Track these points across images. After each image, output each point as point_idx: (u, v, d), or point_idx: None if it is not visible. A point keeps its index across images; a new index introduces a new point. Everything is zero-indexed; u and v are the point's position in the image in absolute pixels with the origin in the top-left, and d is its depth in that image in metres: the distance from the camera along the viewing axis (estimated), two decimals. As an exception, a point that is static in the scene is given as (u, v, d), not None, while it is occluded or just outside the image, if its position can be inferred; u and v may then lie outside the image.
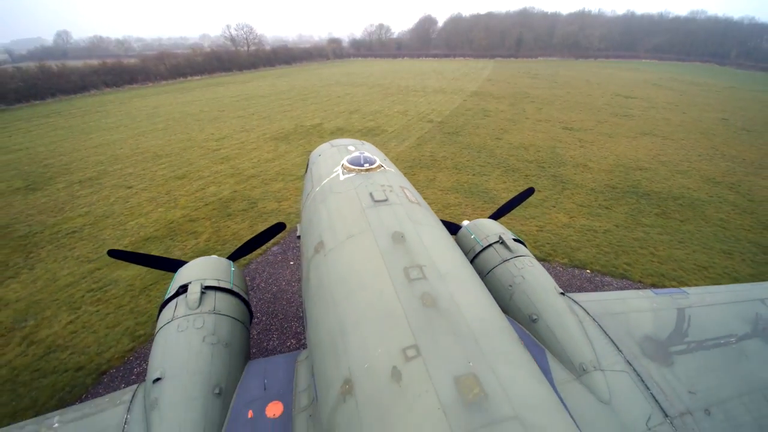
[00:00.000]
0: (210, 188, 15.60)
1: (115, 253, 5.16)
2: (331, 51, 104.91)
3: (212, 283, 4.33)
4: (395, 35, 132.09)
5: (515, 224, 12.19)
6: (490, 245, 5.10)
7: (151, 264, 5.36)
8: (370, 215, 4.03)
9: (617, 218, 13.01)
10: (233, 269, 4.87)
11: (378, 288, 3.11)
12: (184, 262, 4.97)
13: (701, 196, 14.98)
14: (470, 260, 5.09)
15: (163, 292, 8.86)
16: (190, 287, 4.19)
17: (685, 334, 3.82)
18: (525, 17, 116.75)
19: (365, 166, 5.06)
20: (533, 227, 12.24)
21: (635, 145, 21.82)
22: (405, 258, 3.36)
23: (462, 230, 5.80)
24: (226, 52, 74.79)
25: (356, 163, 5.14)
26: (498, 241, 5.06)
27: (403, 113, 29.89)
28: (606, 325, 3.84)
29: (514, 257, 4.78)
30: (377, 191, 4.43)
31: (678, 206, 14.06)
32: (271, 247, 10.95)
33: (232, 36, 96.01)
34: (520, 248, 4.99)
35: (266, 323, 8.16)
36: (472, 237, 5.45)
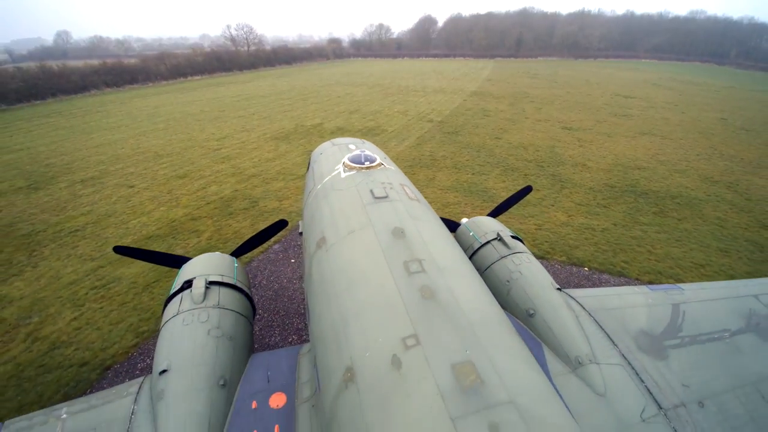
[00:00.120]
0: (211, 187, 15.68)
1: (121, 250, 5.26)
2: (331, 51, 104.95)
3: (216, 279, 4.41)
4: (395, 35, 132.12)
5: (514, 223, 12.27)
6: (489, 242, 5.18)
7: (156, 260, 5.45)
8: (371, 211, 4.11)
9: (615, 217, 13.09)
10: (236, 265, 4.96)
11: (379, 281, 3.19)
12: (189, 259, 5.07)
13: (699, 195, 15.05)
14: (469, 257, 5.17)
15: (166, 290, 9.02)
16: (195, 282, 4.27)
17: (680, 329, 3.84)
18: (525, 17, 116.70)
19: (366, 164, 5.15)
20: (532, 226, 12.33)
21: (634, 145, 21.88)
22: (405, 252, 3.43)
23: (461, 227, 5.89)
24: (227, 52, 74.81)
25: (357, 161, 5.22)
26: (496, 238, 5.14)
27: (403, 113, 29.94)
28: (602, 320, 3.87)
29: (512, 254, 4.85)
30: (378, 188, 4.52)
31: (676, 205, 14.14)
32: (273, 245, 11.04)
33: (232, 36, 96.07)
34: (518, 245, 5.07)
35: (268, 320, 8.25)
36: (471, 234, 5.54)
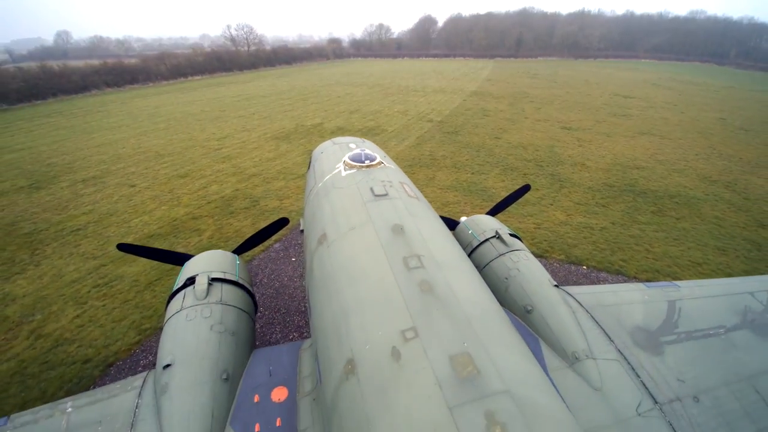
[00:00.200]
0: (212, 187, 15.76)
1: (124, 247, 5.33)
2: (331, 51, 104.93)
3: (218, 276, 4.49)
4: (395, 35, 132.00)
5: (513, 221, 12.34)
6: (487, 240, 5.26)
7: (159, 257, 5.52)
8: (371, 209, 4.19)
9: (614, 216, 13.16)
10: (238, 263, 5.03)
11: (378, 276, 3.27)
12: (191, 256, 5.14)
13: (697, 195, 15.12)
14: (468, 254, 5.24)
15: (167, 288, 9.10)
16: (198, 279, 4.34)
17: (675, 325, 3.89)
18: (525, 17, 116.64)
19: (366, 163, 5.23)
20: (531, 225, 12.41)
21: (633, 145, 21.94)
22: (404, 248, 3.51)
23: (460, 226, 5.97)
24: (227, 52, 74.82)
25: (357, 160, 5.30)
26: (494, 236, 5.22)
27: (403, 113, 30.01)
28: (598, 316, 3.92)
29: (510, 251, 4.93)
30: (377, 186, 4.59)
31: (674, 204, 14.21)
32: (274, 244, 11.12)
33: (233, 36, 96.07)
34: (516, 243, 5.15)
35: (269, 317, 8.33)
36: (470, 232, 5.61)
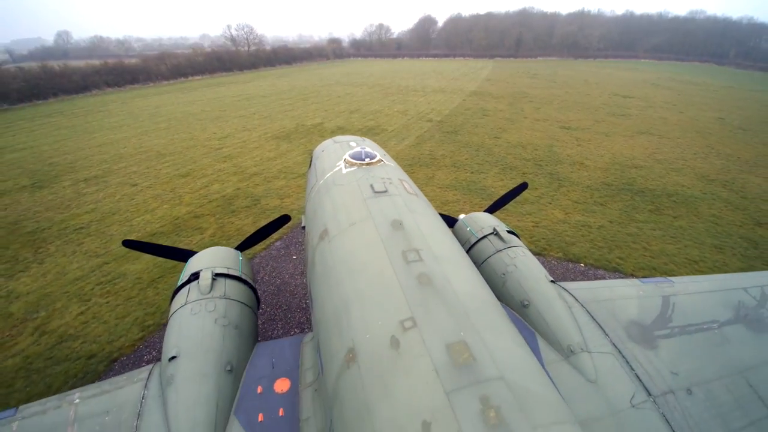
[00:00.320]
0: (213, 186, 15.87)
1: (130, 243, 5.44)
2: (331, 51, 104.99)
3: (222, 271, 4.58)
4: (395, 35, 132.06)
5: (512, 220, 12.45)
6: (485, 236, 5.35)
7: (164, 254, 5.62)
8: (371, 205, 4.28)
9: (611, 214, 13.27)
10: (241, 259, 5.13)
11: (378, 269, 3.37)
12: (195, 252, 5.25)
13: (695, 193, 15.23)
14: (467, 251, 5.34)
15: (170, 285, 9.22)
16: (202, 274, 4.44)
17: (670, 320, 3.95)
18: (524, 17, 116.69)
19: (366, 161, 5.32)
20: (529, 223, 12.52)
21: (631, 144, 22.05)
22: (403, 243, 3.61)
23: (458, 223, 6.07)
24: (227, 52, 74.89)
25: (358, 158, 5.40)
26: (492, 233, 5.31)
27: (403, 113, 30.11)
28: (594, 311, 3.99)
29: (507, 248, 5.02)
30: (377, 183, 4.69)
31: (672, 203, 14.32)
32: (275, 242, 11.24)
33: (233, 36, 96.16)
34: (513, 239, 5.24)
35: (271, 314, 8.44)
36: (468, 229, 5.71)
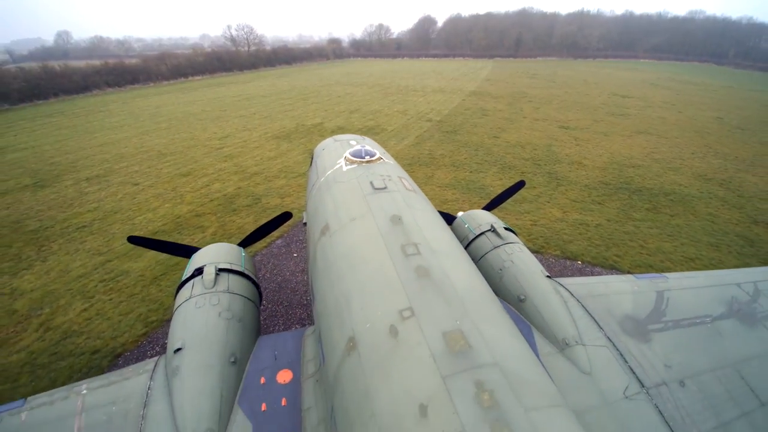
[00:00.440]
0: (215, 185, 15.99)
1: (135, 240, 5.56)
2: (331, 51, 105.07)
3: (225, 266, 4.70)
4: (395, 35, 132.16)
5: (511, 218, 12.57)
6: (483, 233, 5.47)
7: (168, 250, 5.73)
8: (371, 201, 4.40)
9: (609, 213, 13.39)
10: (244, 254, 5.25)
11: (378, 262, 3.49)
12: (199, 248, 5.37)
13: (692, 192, 15.35)
14: (465, 247, 5.46)
15: (173, 283, 9.35)
16: (206, 269, 4.56)
17: (663, 314, 4.04)
18: (524, 17, 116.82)
19: (366, 158, 5.44)
20: (527, 221, 12.64)
21: (630, 144, 22.17)
22: (402, 237, 3.72)
23: (457, 220, 6.19)
24: (227, 53, 75.00)
25: (358, 156, 5.51)
26: (490, 230, 5.43)
27: (403, 112, 30.23)
28: (589, 305, 4.08)
29: (505, 244, 5.14)
30: (377, 180, 4.80)
31: (669, 201, 14.44)
32: (276, 240, 11.35)
33: (233, 36, 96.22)
34: (510, 236, 5.37)
35: (272, 310, 8.56)
36: (466, 226, 5.83)
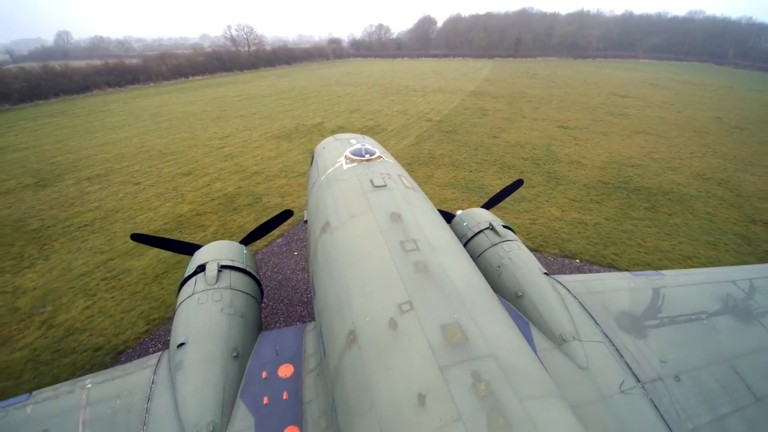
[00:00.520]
0: (215, 184, 16.06)
1: (138, 237, 5.64)
2: (331, 51, 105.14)
3: (227, 263, 4.77)
4: (395, 35, 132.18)
5: (510, 217, 12.64)
6: (481, 231, 5.54)
7: (171, 247, 5.81)
8: (371, 198, 4.48)
9: (607, 212, 13.47)
10: (245, 252, 5.33)
11: (377, 258, 3.56)
12: (201, 246, 5.45)
13: (690, 191, 15.42)
14: (463, 245, 5.53)
15: (175, 281, 9.43)
16: (208, 266, 4.63)
17: (659, 311, 4.11)
18: (524, 17, 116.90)
19: (366, 157, 5.52)
20: (526, 220, 12.71)
21: (629, 143, 22.25)
22: (401, 233, 3.80)
23: (456, 218, 6.26)
24: (227, 53, 75.10)
25: (358, 154, 5.59)
26: (488, 228, 5.51)
27: (403, 112, 30.31)
28: (586, 302, 4.15)
29: (503, 241, 5.21)
30: (377, 178, 4.88)
31: (667, 201, 14.51)
32: (276, 239, 11.42)
33: (233, 36, 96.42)
34: (509, 234, 5.44)
35: (273, 308, 8.64)
36: (465, 224, 5.91)
